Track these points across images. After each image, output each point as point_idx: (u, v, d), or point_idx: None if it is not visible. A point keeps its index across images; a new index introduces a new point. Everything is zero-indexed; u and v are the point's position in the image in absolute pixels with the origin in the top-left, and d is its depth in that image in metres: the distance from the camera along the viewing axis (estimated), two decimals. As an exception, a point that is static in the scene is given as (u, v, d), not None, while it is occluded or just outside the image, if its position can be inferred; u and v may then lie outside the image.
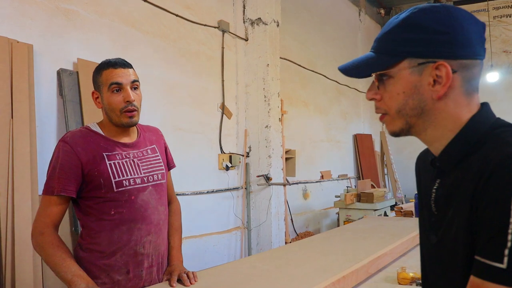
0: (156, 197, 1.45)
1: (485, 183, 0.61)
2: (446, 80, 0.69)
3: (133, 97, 1.38)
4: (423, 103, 0.72)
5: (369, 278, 1.51)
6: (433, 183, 0.77)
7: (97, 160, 1.35)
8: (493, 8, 7.31)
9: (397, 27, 0.72)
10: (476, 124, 0.71)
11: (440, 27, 0.69)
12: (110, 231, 1.36)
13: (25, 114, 2.37)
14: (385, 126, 0.79)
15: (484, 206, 0.61)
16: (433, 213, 0.77)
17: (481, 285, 0.60)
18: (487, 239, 0.60)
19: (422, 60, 0.70)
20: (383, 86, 0.75)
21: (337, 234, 2.15)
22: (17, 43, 2.41)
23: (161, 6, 3.44)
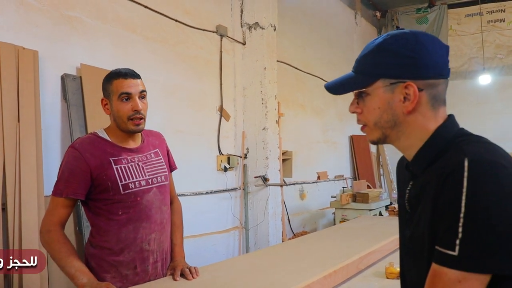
0: (160, 198, 1.56)
1: (442, 185, 0.72)
2: (413, 98, 0.81)
3: (141, 106, 1.49)
4: (396, 117, 0.83)
5: (359, 273, 1.61)
6: (407, 184, 0.88)
7: (104, 165, 1.45)
8: (487, 12, 7.40)
9: (373, 51, 0.84)
10: (440, 134, 0.82)
11: (407, 52, 0.80)
12: (117, 230, 1.46)
13: (31, 117, 2.46)
14: (366, 136, 0.91)
15: (441, 204, 0.72)
16: (407, 210, 0.88)
17: (438, 270, 0.71)
18: (443, 231, 0.71)
19: (394, 80, 0.82)
20: (362, 101, 0.87)
21: (330, 232, 2.25)
22: (23, 50, 2.50)
23: (161, 12, 3.53)
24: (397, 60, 0.81)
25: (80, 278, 1.33)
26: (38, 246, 2.40)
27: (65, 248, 1.39)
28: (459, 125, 0.86)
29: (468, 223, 0.68)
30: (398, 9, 8.19)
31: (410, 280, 0.86)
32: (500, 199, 0.67)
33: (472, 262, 0.67)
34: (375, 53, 0.84)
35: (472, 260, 0.67)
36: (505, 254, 0.67)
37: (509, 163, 0.71)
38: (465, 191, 0.68)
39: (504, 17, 7.27)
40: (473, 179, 0.68)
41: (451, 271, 0.69)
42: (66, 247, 1.40)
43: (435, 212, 0.74)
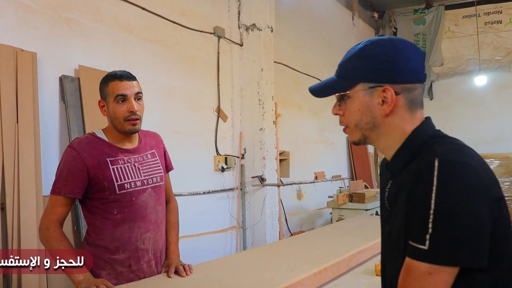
0: (155, 198, 1.59)
1: (415, 183, 0.77)
2: (391, 101, 0.85)
3: (137, 108, 1.53)
4: (375, 119, 0.88)
5: (349, 270, 1.65)
6: (387, 183, 0.93)
7: (101, 165, 1.49)
8: (484, 13, 7.42)
9: (353, 56, 0.89)
10: (416, 135, 0.87)
11: (385, 57, 0.85)
12: (113, 229, 1.50)
13: (30, 118, 2.50)
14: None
15: (413, 201, 0.77)
16: (387, 208, 0.92)
17: (410, 263, 0.76)
18: (415, 226, 0.76)
19: (372, 84, 0.87)
20: (344, 104, 0.92)
21: (324, 231, 2.29)
22: (22, 52, 2.54)
23: (158, 14, 3.57)
24: (375, 65, 0.86)
25: (76, 275, 1.37)
26: (36, 245, 2.43)
27: (62, 246, 1.43)
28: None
29: (437, 219, 0.72)
30: (395, 10, 8.23)
31: (390, 274, 0.90)
32: (467, 197, 0.72)
33: (441, 256, 0.72)
34: (355, 59, 0.89)
35: (441, 254, 0.72)
36: (471, 248, 0.71)
37: (478, 164, 0.76)
38: (435, 189, 0.73)
39: (501, 19, 7.30)
40: (442, 178, 0.73)
41: (422, 264, 0.73)
42: (64, 245, 1.43)
43: (409, 208, 0.78)
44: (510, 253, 0.78)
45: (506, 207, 0.79)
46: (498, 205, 0.76)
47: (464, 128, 7.21)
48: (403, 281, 0.77)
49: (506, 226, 0.78)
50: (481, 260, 0.72)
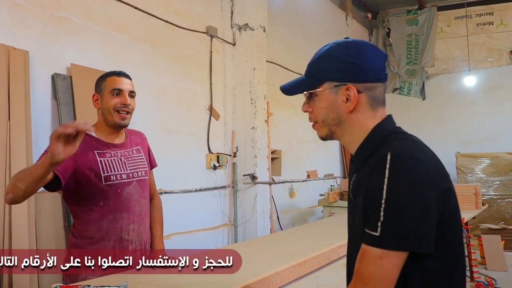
0: (139, 191, 1.66)
1: (370, 175, 0.84)
2: (354, 98, 0.92)
3: (129, 102, 1.62)
4: (340, 115, 0.95)
5: (330, 263, 1.70)
6: (352, 176, 0.99)
7: (89, 156, 1.55)
8: (476, 15, 7.50)
9: (320, 57, 0.96)
10: (377, 131, 0.93)
11: (349, 58, 0.92)
12: (98, 220, 1.55)
13: (21, 116, 2.53)
14: (316, 132, 1.02)
15: (369, 192, 0.84)
16: (351, 200, 0.99)
17: (365, 249, 0.82)
18: (370, 215, 0.82)
19: (337, 83, 0.94)
20: (312, 101, 0.98)
21: (310, 227, 2.34)
22: (14, 50, 2.57)
23: (151, 13, 3.61)
24: (340, 66, 0.93)
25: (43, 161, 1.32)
26: (28, 245, 2.46)
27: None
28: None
29: (387, 208, 0.79)
30: (389, 11, 8.30)
31: (352, 262, 0.96)
32: (414, 188, 0.78)
33: (391, 241, 0.78)
34: (322, 59, 0.96)
35: (391, 240, 0.78)
36: (418, 234, 0.78)
37: (427, 158, 0.82)
38: (386, 180, 0.79)
39: (492, 20, 7.38)
40: (393, 170, 0.80)
41: (374, 249, 0.80)
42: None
43: (365, 199, 0.85)
44: (457, 241, 0.85)
45: (455, 198, 0.86)
46: (446, 196, 0.83)
47: (456, 128, 7.29)
48: (358, 264, 0.83)
49: (454, 215, 0.84)
50: (427, 246, 0.78)
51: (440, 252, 0.81)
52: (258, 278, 1.32)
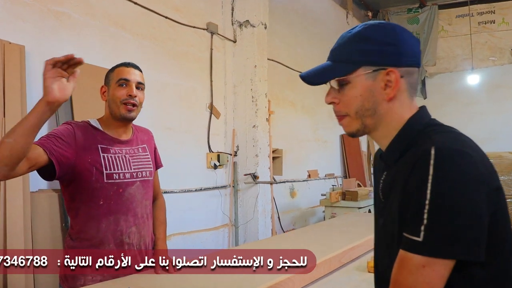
0: (143, 192, 1.56)
1: (410, 173, 0.74)
2: (395, 84, 0.81)
3: (135, 93, 1.51)
4: (376, 104, 0.83)
5: (341, 267, 1.62)
6: (381, 175, 0.89)
7: (92, 149, 1.46)
8: (477, 13, 7.46)
9: (353, 40, 0.85)
10: (413, 124, 0.83)
11: (389, 39, 0.82)
12: (98, 221, 1.46)
13: (17, 112, 2.45)
14: (343, 128, 0.90)
15: (408, 191, 0.74)
16: (381, 200, 0.89)
17: (404, 255, 0.73)
18: (410, 218, 0.72)
19: (375, 67, 0.82)
20: (342, 90, 0.86)
21: (316, 228, 2.26)
22: (9, 44, 2.49)
23: (150, 8, 3.52)
24: (379, 47, 0.82)
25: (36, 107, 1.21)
26: (23, 245, 2.38)
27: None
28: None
29: (432, 209, 0.69)
30: (389, 9, 8.24)
31: (383, 269, 0.88)
32: (464, 187, 0.69)
33: (436, 248, 0.69)
34: (355, 41, 0.84)
35: (436, 246, 0.69)
36: (468, 240, 0.68)
37: (475, 152, 0.73)
38: (431, 178, 0.70)
39: (494, 19, 7.34)
40: (438, 167, 0.70)
41: (416, 256, 0.70)
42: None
43: (404, 199, 0.75)
44: (508, 246, 0.76)
45: (504, 198, 0.76)
46: (497, 196, 0.73)
47: (457, 127, 7.13)
48: (396, 273, 0.74)
49: (505, 217, 0.75)
50: (478, 253, 0.69)
51: (490, 259, 0.71)
52: (269, 283, 1.24)
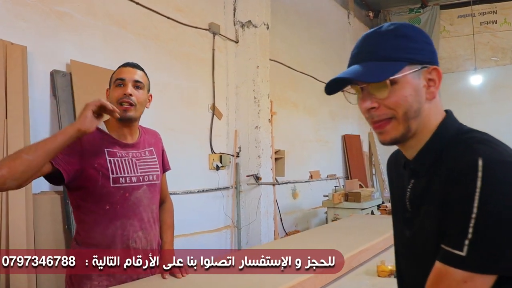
0: (149, 196, 1.53)
1: (452, 183, 0.70)
2: (438, 82, 0.78)
3: (131, 92, 1.47)
4: (420, 105, 0.78)
5: (350, 271, 1.60)
6: (408, 183, 0.84)
7: (98, 154, 1.43)
8: (479, 13, 7.43)
9: (392, 37, 0.79)
10: (444, 130, 0.79)
11: (424, 38, 0.79)
12: (104, 226, 1.43)
13: (19, 114, 2.42)
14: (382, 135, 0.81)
15: (451, 203, 0.70)
16: (407, 209, 0.84)
17: (443, 269, 0.69)
18: (452, 230, 0.69)
19: (419, 65, 0.78)
20: (386, 92, 0.78)
21: (322, 230, 2.24)
22: (11, 45, 2.46)
23: (153, 9, 3.50)
24: (419, 46, 0.78)
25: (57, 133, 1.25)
26: (26, 245, 2.36)
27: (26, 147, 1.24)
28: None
29: (479, 224, 0.66)
30: (390, 10, 8.22)
31: (410, 281, 0.84)
32: None
33: (480, 263, 0.66)
34: (396, 39, 0.79)
35: (481, 261, 0.66)
36: None
37: None
38: (479, 191, 0.66)
39: (496, 19, 7.32)
40: (488, 180, 0.66)
41: (457, 271, 0.67)
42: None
43: (443, 211, 0.71)
44: None
45: None
46: None
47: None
48: (433, 287, 0.71)
49: None
50: None
51: None
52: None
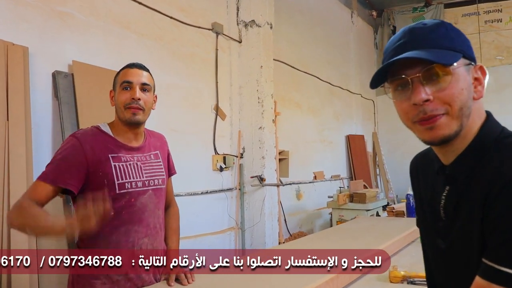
0: (155, 201, 1.49)
1: (498, 194, 0.64)
2: (484, 82, 0.73)
3: (139, 96, 1.43)
4: (471, 102, 0.72)
5: (362, 277, 1.55)
6: (442, 189, 0.78)
7: (102, 160, 1.39)
8: (484, 12, 7.37)
9: (444, 29, 0.73)
10: (487, 133, 0.73)
11: (466, 37, 0.74)
12: (108, 232, 1.38)
13: (21, 116, 2.38)
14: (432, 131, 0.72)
15: (496, 215, 0.64)
16: (441, 218, 0.79)
17: (485, 285, 0.64)
18: (498, 244, 0.63)
19: (469, 61, 0.73)
20: (437, 84, 0.71)
21: (330, 234, 2.19)
22: (13, 46, 2.42)
23: (155, 8, 3.46)
24: (466, 41, 0.74)
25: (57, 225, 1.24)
26: (27, 246, 2.32)
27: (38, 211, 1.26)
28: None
29: None
30: (394, 9, 8.17)
31: None
32: None
33: None
34: (447, 31, 0.73)
35: None
36: None
37: None
38: None
39: (501, 17, 7.24)
40: None
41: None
42: (38, 210, 1.26)
43: (488, 222, 0.66)
44: None
45: None
46: None
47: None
48: None
49: None
50: None
51: None
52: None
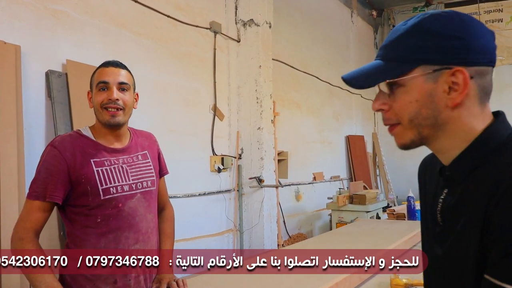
0: (145, 205, 1.42)
1: (499, 200, 0.60)
2: (463, 87, 0.67)
3: (116, 96, 1.35)
4: (437, 112, 0.69)
5: (362, 284, 1.50)
6: (440, 192, 0.75)
7: (84, 166, 1.32)
8: (484, 11, 7.33)
9: (407, 33, 0.70)
10: (490, 135, 0.69)
11: (455, 32, 0.67)
12: (96, 240, 1.32)
13: (12, 116, 2.33)
14: (395, 139, 0.75)
15: (497, 225, 0.59)
16: (438, 223, 0.74)
17: None
18: (499, 259, 0.59)
19: (437, 66, 0.67)
20: (392, 95, 0.72)
21: (329, 238, 2.13)
22: (4, 44, 2.37)
23: (152, 7, 3.40)
24: (441, 42, 0.67)
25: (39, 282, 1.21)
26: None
27: (34, 258, 1.23)
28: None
29: None
30: (394, 8, 8.13)
31: None
32: None
33: None
34: (411, 35, 0.69)
35: None
36: None
37: None
38: None
39: (502, 17, 7.20)
40: None
41: None
42: (35, 258, 1.23)
43: (487, 232, 0.61)
44: None
45: None
46: None
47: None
48: None
49: None
50: None
51: None
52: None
